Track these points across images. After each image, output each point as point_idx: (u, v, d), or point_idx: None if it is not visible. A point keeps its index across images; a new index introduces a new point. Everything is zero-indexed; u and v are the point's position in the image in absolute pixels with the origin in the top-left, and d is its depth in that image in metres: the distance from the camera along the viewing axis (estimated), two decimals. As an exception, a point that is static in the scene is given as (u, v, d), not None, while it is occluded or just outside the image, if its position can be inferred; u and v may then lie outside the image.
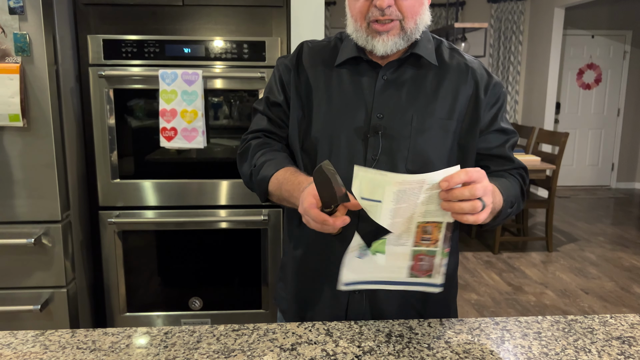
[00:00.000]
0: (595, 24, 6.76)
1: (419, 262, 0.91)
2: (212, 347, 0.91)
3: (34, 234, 1.91)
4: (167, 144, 2.01)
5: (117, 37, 1.99)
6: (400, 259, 0.92)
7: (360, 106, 1.08)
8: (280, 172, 1.06)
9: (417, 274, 0.92)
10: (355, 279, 0.95)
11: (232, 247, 2.17)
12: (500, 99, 1.14)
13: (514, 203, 1.08)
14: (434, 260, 0.91)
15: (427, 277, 0.92)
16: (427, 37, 1.13)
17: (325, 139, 1.10)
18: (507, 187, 1.06)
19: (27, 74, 1.81)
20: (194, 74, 1.96)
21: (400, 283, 0.94)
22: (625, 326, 1.01)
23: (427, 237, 0.89)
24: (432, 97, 1.08)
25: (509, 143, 1.15)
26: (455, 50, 1.15)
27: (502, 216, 1.05)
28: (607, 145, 7.10)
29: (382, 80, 1.09)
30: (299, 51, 1.18)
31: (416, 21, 1.05)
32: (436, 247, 0.89)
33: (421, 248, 0.90)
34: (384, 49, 1.04)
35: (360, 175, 0.85)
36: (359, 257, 0.93)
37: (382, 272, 0.94)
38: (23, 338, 0.95)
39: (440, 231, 0.88)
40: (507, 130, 1.15)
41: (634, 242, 4.73)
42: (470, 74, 1.11)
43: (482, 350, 0.91)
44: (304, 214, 0.91)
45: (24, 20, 1.77)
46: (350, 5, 1.06)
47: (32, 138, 1.86)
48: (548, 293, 3.58)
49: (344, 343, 0.93)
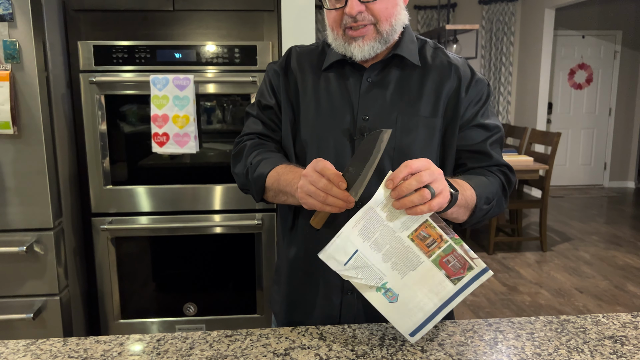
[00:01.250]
0: (585, 25, 6.81)
1: (448, 265, 0.89)
2: (205, 354, 0.91)
3: (26, 242, 1.90)
4: (160, 149, 2.00)
5: (107, 43, 1.98)
6: (432, 276, 0.90)
7: (346, 109, 1.10)
8: (278, 168, 1.07)
9: (458, 276, 0.90)
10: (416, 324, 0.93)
11: (226, 252, 2.17)
12: (484, 95, 1.13)
13: (491, 200, 1.06)
14: (457, 253, 0.88)
15: (469, 271, 0.89)
16: (410, 37, 1.13)
17: (314, 141, 1.11)
18: (483, 184, 1.05)
19: (17, 81, 1.80)
20: (185, 79, 1.96)
21: (455, 296, 0.91)
22: (618, 325, 1.01)
23: (429, 241, 0.89)
24: (416, 97, 1.09)
25: (491, 139, 1.13)
26: (439, 49, 1.16)
27: (480, 213, 1.04)
28: (599, 144, 7.14)
29: (367, 82, 1.10)
30: (287, 56, 1.19)
31: (391, 22, 1.05)
32: (446, 242, 0.88)
33: (437, 252, 0.89)
34: (361, 54, 1.06)
35: (328, 254, 0.90)
36: (395, 302, 0.92)
37: (431, 299, 0.91)
38: (14, 347, 0.94)
39: (434, 227, 0.88)
40: (488, 126, 1.12)
41: (627, 241, 4.76)
42: (453, 71, 1.11)
43: (475, 352, 0.91)
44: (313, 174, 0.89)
45: (14, 27, 1.77)
46: (327, 15, 1.08)
47: (23, 145, 1.85)
48: (543, 293, 3.59)
49: (338, 347, 0.93)
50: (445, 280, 0.90)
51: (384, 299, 0.92)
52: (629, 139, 7.15)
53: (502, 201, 1.11)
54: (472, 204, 1.01)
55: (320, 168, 0.89)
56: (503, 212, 5.01)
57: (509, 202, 4.39)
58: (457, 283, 0.90)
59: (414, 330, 0.93)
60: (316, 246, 1.11)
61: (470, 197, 1.00)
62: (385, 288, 0.91)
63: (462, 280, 0.90)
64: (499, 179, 1.11)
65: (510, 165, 1.15)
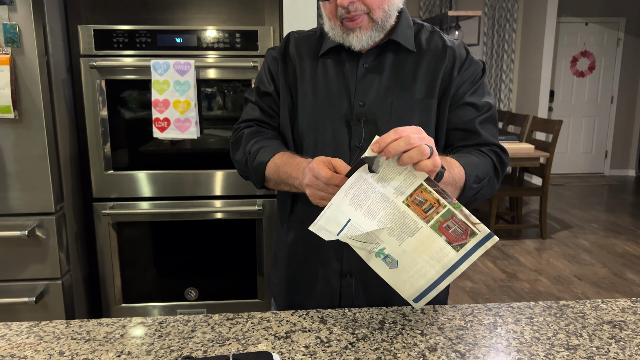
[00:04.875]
0: (588, 12, 6.76)
1: (449, 230, 0.86)
2: (207, 336, 0.92)
3: (27, 226, 1.90)
4: (160, 134, 2.00)
5: (108, 27, 1.97)
6: (432, 242, 0.87)
7: (343, 95, 1.10)
8: (277, 157, 1.07)
9: (460, 242, 0.86)
10: (419, 291, 0.92)
11: (227, 237, 2.17)
12: (476, 75, 1.12)
13: (482, 179, 1.04)
14: (457, 218, 0.85)
15: (472, 237, 0.86)
16: (407, 22, 1.13)
17: (312, 127, 1.11)
18: (472, 162, 1.03)
19: (17, 65, 1.79)
20: (186, 63, 1.95)
21: (459, 263, 0.88)
22: (617, 310, 1.02)
23: (426, 206, 0.86)
24: (411, 81, 1.09)
25: (481, 117, 1.10)
26: (435, 33, 1.15)
27: (470, 192, 1.01)
28: (600, 132, 7.13)
29: (363, 68, 1.10)
30: (286, 42, 1.19)
31: (384, 9, 1.05)
32: (444, 207, 0.85)
33: (435, 218, 0.86)
34: (359, 44, 1.06)
35: (319, 226, 0.87)
36: (396, 268, 0.90)
37: (433, 266, 0.89)
38: (17, 329, 0.95)
39: (430, 192, 0.85)
40: (478, 104, 1.10)
41: (627, 229, 4.77)
42: (448, 52, 1.11)
43: (475, 336, 0.92)
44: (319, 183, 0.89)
45: (14, 10, 1.76)
46: (323, 6, 1.07)
47: (24, 130, 1.84)
48: (542, 280, 3.61)
49: (338, 330, 0.94)
50: (447, 246, 0.87)
51: (384, 264, 0.91)
52: (630, 127, 7.14)
53: (493, 182, 1.09)
54: (460, 183, 0.98)
55: (326, 180, 0.87)
56: (503, 200, 5.02)
57: (510, 191, 4.40)
58: (459, 250, 0.87)
59: (418, 297, 0.92)
60: None
61: (459, 175, 0.98)
62: (383, 254, 0.90)
63: (464, 247, 0.87)
64: (490, 159, 1.09)
65: (503, 146, 1.12)
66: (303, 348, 0.88)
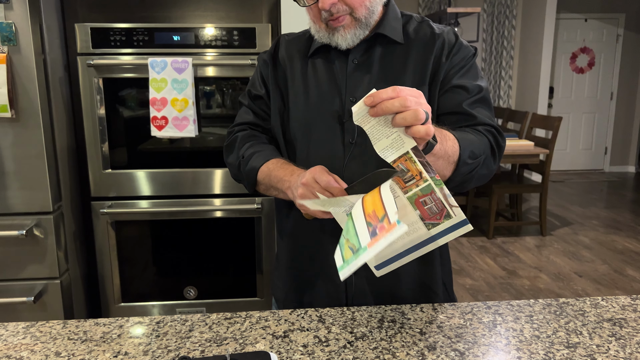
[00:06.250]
0: (588, 8, 6.74)
1: (424, 206, 0.82)
2: (205, 336, 0.91)
3: (25, 226, 1.90)
4: (158, 133, 1.99)
5: (105, 26, 1.96)
6: (405, 214, 0.83)
7: (334, 92, 1.10)
8: (272, 162, 1.08)
9: (433, 221, 0.83)
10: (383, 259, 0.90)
11: (226, 236, 2.17)
12: (465, 59, 1.10)
13: (477, 155, 0.99)
14: (435, 195, 0.81)
15: (447, 219, 0.83)
16: (394, 14, 1.12)
17: (304, 126, 1.11)
18: (468, 138, 0.99)
19: (14, 64, 1.79)
20: (183, 61, 1.94)
21: (426, 242, 0.85)
22: (617, 308, 1.01)
23: (408, 176, 0.81)
24: (401, 72, 1.08)
25: (471, 99, 1.07)
26: (424, 22, 1.14)
27: (464, 168, 0.97)
28: (600, 129, 7.12)
29: (353, 64, 1.10)
30: (276, 45, 1.21)
31: (366, 6, 1.04)
32: (425, 181, 0.80)
33: (413, 190, 0.82)
34: (345, 43, 1.06)
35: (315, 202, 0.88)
36: None
37: (402, 237, 0.85)
38: (14, 330, 0.94)
39: (414, 162, 0.80)
40: (468, 87, 1.07)
41: (627, 225, 4.76)
42: (437, 40, 1.10)
43: (474, 334, 0.91)
44: (311, 177, 0.92)
45: (10, 8, 1.75)
46: (307, 11, 1.08)
47: (21, 129, 1.84)
48: (542, 277, 3.60)
49: (337, 329, 0.93)
50: (419, 222, 0.84)
51: None
52: (630, 123, 7.13)
53: (490, 161, 1.05)
54: (454, 157, 0.95)
55: (325, 184, 0.89)
56: (503, 197, 5.01)
57: (510, 187, 4.39)
58: (431, 229, 0.84)
59: (380, 264, 0.92)
60: (313, 232, 1.11)
61: (452, 148, 0.94)
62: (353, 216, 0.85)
63: (437, 227, 0.83)
64: (487, 138, 1.05)
65: (499, 129, 1.09)
66: (301, 347, 0.87)
